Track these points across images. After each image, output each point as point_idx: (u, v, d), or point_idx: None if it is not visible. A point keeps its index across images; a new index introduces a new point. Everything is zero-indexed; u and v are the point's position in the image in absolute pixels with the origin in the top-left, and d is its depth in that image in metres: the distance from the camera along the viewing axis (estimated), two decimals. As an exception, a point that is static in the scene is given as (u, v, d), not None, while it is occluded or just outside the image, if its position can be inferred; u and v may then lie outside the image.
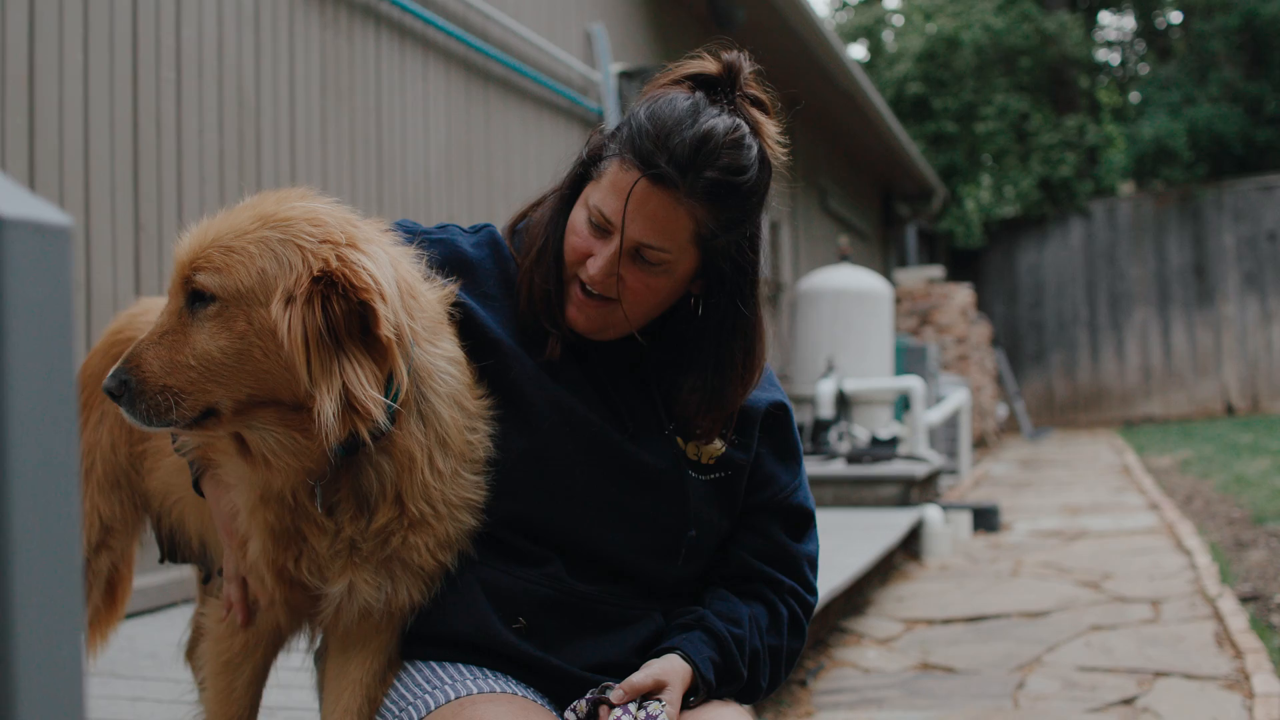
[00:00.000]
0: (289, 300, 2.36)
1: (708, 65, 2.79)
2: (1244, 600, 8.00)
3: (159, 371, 2.37)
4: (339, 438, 2.40)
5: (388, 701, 2.75)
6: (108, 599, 3.45)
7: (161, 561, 3.42)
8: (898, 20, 35.77)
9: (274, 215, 2.44)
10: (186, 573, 6.03)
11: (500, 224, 3.07)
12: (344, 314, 2.37)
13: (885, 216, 26.20)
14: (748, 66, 2.79)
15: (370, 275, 2.39)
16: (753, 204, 2.75)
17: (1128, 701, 6.17)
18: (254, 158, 6.82)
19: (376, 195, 7.95)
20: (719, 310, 2.81)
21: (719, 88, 2.76)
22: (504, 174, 9.63)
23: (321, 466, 2.51)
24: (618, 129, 2.79)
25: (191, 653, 3.53)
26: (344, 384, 2.37)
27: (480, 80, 9.32)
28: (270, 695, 2.88)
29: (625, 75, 11.38)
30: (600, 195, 2.73)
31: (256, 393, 2.41)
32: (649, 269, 2.71)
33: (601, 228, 2.72)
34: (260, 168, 6.87)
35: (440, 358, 2.60)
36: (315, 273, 2.37)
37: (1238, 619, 7.45)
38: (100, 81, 5.89)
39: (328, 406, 2.35)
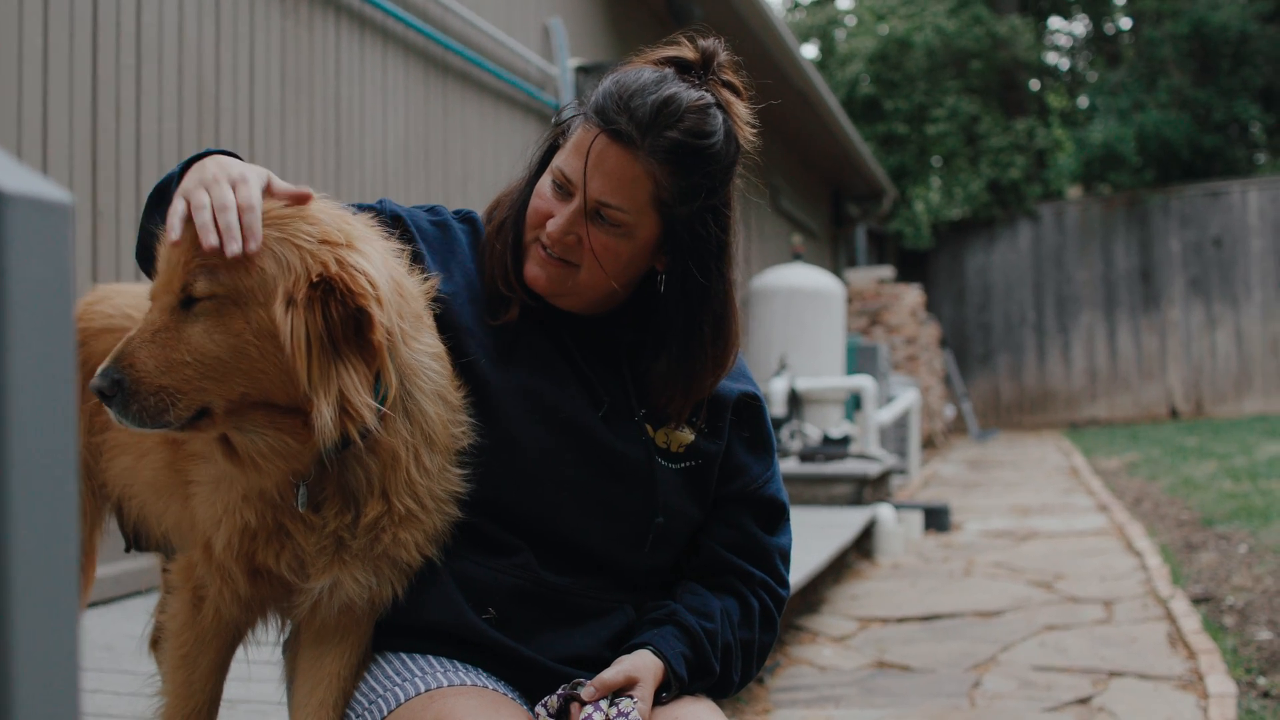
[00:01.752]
0: (289, 303, 2.33)
1: (684, 50, 2.80)
2: (1196, 601, 8.05)
3: (154, 370, 2.31)
4: (334, 441, 2.39)
5: (357, 693, 2.72)
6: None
7: (127, 551, 3.38)
8: (850, 21, 35.85)
9: (269, 213, 2.39)
10: (144, 563, 5.97)
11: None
12: (341, 318, 2.35)
13: (835, 216, 26.26)
14: (724, 54, 2.81)
15: (368, 280, 2.37)
16: (716, 175, 2.74)
17: (1083, 701, 6.19)
18: (212, 144, 6.74)
19: (334, 186, 7.88)
20: (683, 282, 2.79)
21: (693, 69, 2.77)
22: (461, 167, 9.59)
23: (308, 467, 2.48)
24: (585, 98, 2.79)
25: (156, 644, 3.48)
26: (340, 389, 2.36)
27: (439, 72, 9.28)
28: (231, 688, 2.84)
29: (583, 70, 11.35)
30: (564, 157, 2.74)
31: (249, 393, 2.37)
32: (609, 230, 2.71)
33: (563, 188, 2.72)
34: (218, 156, 6.80)
35: (424, 354, 2.58)
36: (314, 277, 2.35)
37: (1190, 620, 7.49)
38: (59, 65, 5.81)
39: (325, 412, 2.33)
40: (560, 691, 2.64)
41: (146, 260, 2.64)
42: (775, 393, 13.58)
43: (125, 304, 3.07)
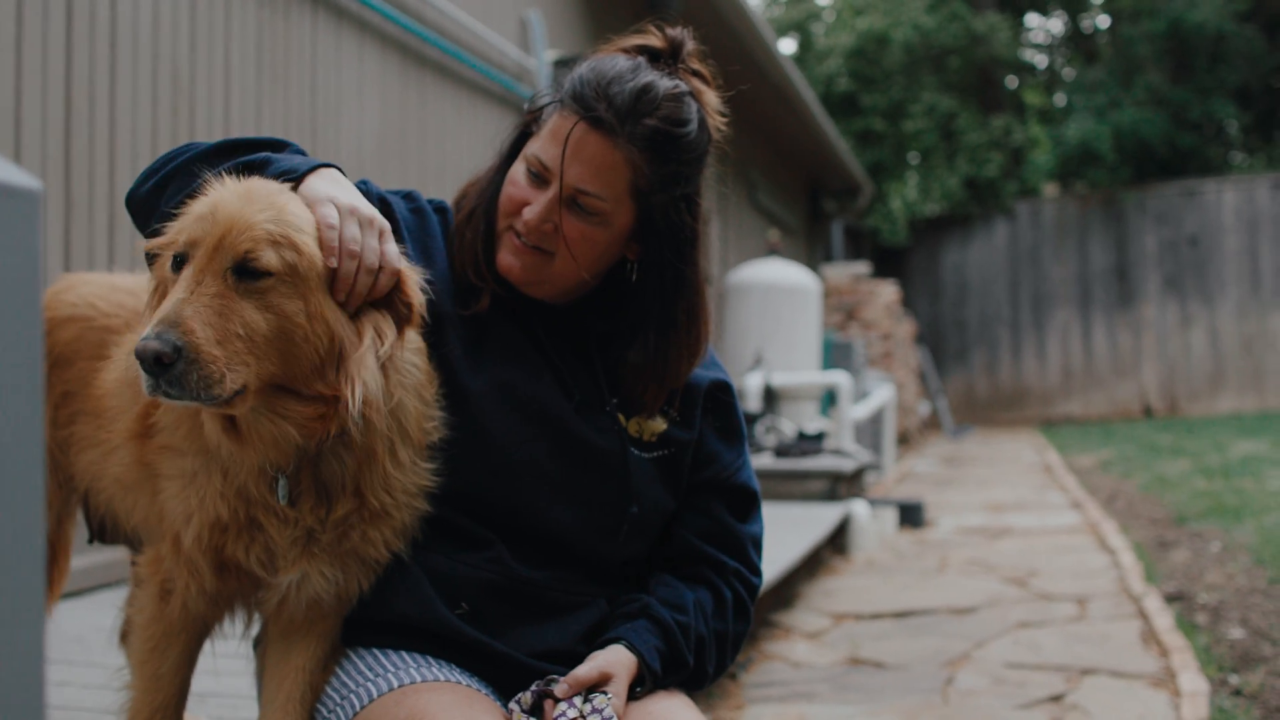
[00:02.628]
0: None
1: (652, 39, 2.83)
2: (1169, 599, 8.06)
3: (209, 339, 2.26)
4: (335, 431, 2.42)
5: (329, 689, 2.71)
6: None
7: (91, 542, 3.35)
8: (828, 16, 35.87)
9: (290, 203, 2.43)
10: (115, 555, 5.94)
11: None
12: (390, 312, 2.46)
13: (812, 212, 26.26)
14: (690, 43, 2.82)
15: (416, 287, 2.48)
16: (691, 162, 2.76)
17: (1056, 698, 6.19)
18: (187, 134, 6.72)
19: (310, 177, 7.83)
20: (659, 271, 2.80)
21: (662, 58, 2.78)
22: (437, 158, 9.56)
23: (289, 460, 2.47)
24: (559, 86, 2.80)
25: (126, 637, 3.45)
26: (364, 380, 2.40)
27: (415, 63, 9.24)
28: (202, 681, 2.82)
29: (560, 63, 11.32)
30: (539, 144, 2.74)
31: (277, 375, 2.36)
32: (585, 218, 2.71)
33: (540, 176, 2.72)
34: (194, 145, 6.76)
35: (407, 349, 2.59)
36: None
37: (1163, 618, 7.50)
38: (33, 53, 5.77)
39: (353, 403, 2.38)
40: (534, 688, 2.63)
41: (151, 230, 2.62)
42: (751, 388, 13.57)
43: (90, 293, 3.05)
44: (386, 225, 2.48)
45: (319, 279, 2.37)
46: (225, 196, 2.38)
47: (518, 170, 2.78)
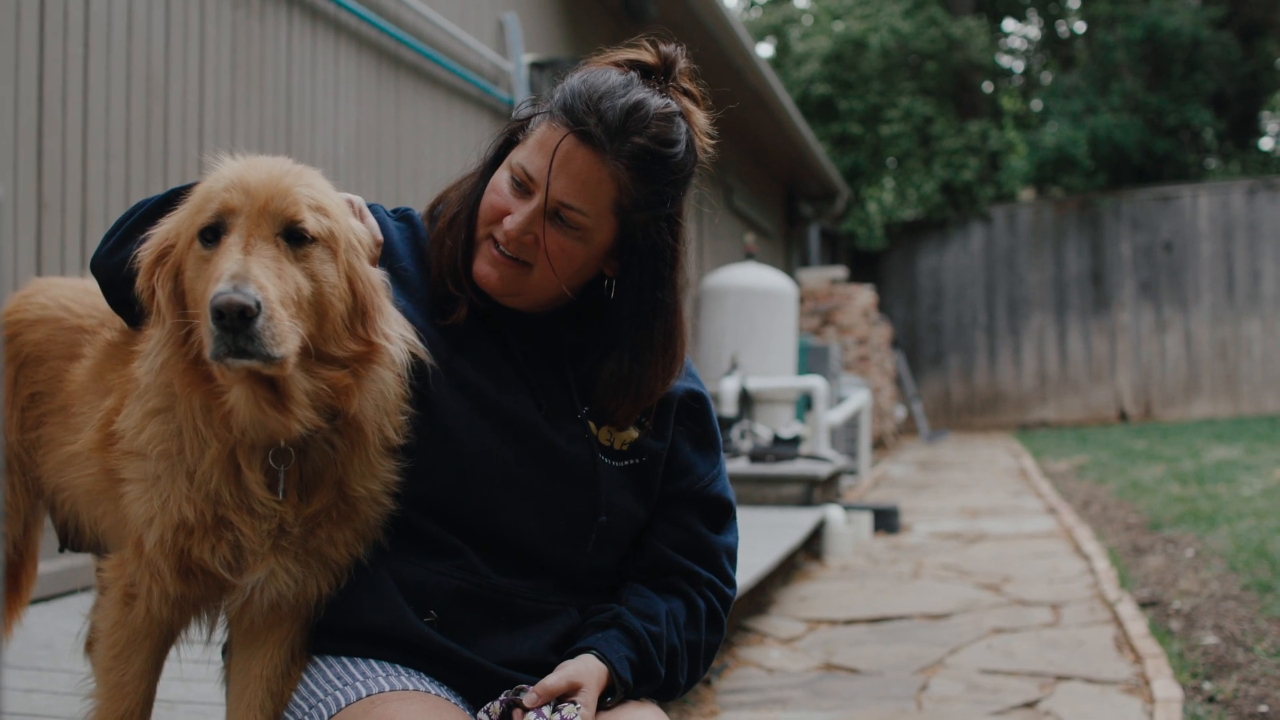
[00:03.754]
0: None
1: (644, 54, 2.81)
2: (1143, 605, 8.07)
3: (276, 298, 2.27)
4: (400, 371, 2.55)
5: (297, 698, 2.69)
6: (10, 586, 3.33)
7: (61, 550, 3.32)
8: (806, 20, 35.88)
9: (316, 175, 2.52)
10: (84, 560, 5.88)
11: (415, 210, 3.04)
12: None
13: (789, 216, 26.25)
14: (682, 61, 2.81)
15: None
16: (676, 183, 2.75)
17: (1030, 705, 6.19)
18: (161, 136, 6.68)
19: (284, 179, 7.80)
20: (637, 291, 2.79)
21: (654, 74, 2.76)
22: (413, 161, 9.52)
23: (318, 426, 2.48)
24: (548, 95, 2.79)
25: (91, 645, 3.42)
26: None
27: (391, 66, 9.21)
28: (172, 688, 2.80)
29: (537, 66, 11.30)
30: (525, 154, 2.72)
31: (314, 337, 2.39)
32: (566, 232, 2.70)
33: (523, 185, 2.70)
34: (168, 146, 6.73)
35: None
36: (378, 240, 2.61)
37: (1137, 624, 7.51)
38: (5, 53, 5.73)
39: (399, 349, 2.53)
40: (503, 697, 2.62)
41: (119, 291, 2.62)
42: (726, 392, 13.57)
43: (61, 295, 3.04)
44: None
45: (345, 243, 2.45)
46: (249, 168, 2.42)
47: (501, 178, 2.76)
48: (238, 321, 2.17)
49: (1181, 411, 28.24)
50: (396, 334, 2.52)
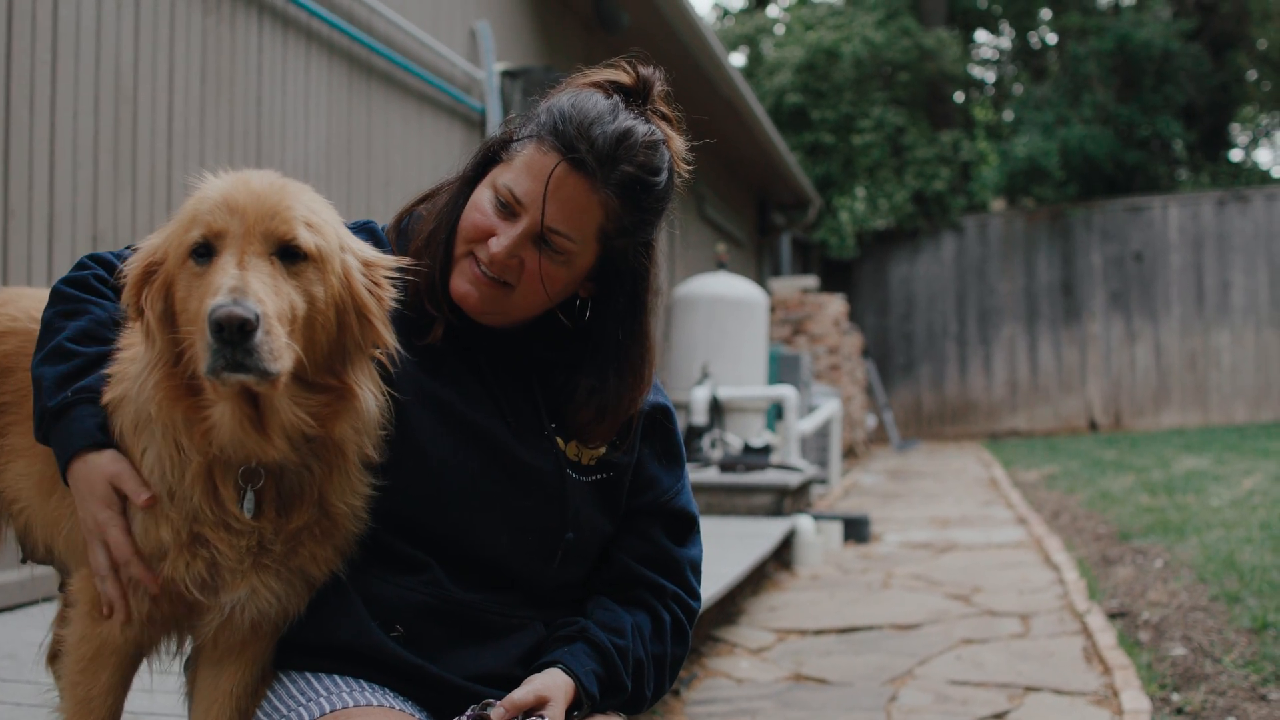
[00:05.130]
0: (368, 287, 2.50)
1: (622, 75, 2.83)
2: (1112, 616, 8.08)
3: (273, 313, 2.26)
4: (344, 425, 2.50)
5: (260, 714, 2.68)
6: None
7: (23, 562, 3.29)
8: (779, 30, 35.92)
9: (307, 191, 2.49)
10: (47, 569, 5.84)
11: (381, 220, 3.02)
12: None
13: (761, 225, 26.26)
14: (659, 85, 2.83)
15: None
16: (657, 210, 2.79)
17: (999, 716, 6.20)
18: (130, 144, 6.64)
19: (254, 187, 7.75)
20: (615, 314, 2.82)
21: (632, 97, 2.77)
22: (384, 170, 9.49)
23: (292, 455, 2.47)
24: (533, 115, 2.78)
25: (54, 658, 3.39)
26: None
27: (363, 74, 9.18)
28: (136, 700, 2.76)
29: (509, 74, 11.28)
30: (512, 175, 2.71)
31: (299, 360, 2.36)
32: (551, 257, 2.70)
33: (509, 207, 2.70)
34: (136, 154, 6.69)
35: None
36: (365, 263, 2.54)
37: (1106, 635, 7.52)
38: (-30, 59, 5.70)
39: (370, 397, 2.51)
40: (470, 712, 2.61)
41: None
42: (697, 401, 13.56)
43: (32, 307, 3.00)
44: None
45: (332, 265, 2.42)
46: (240, 183, 2.40)
47: (484, 197, 2.75)
48: (237, 335, 2.17)
49: (1151, 421, 28.35)
50: (366, 383, 2.52)
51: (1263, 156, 43.12)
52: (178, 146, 7.04)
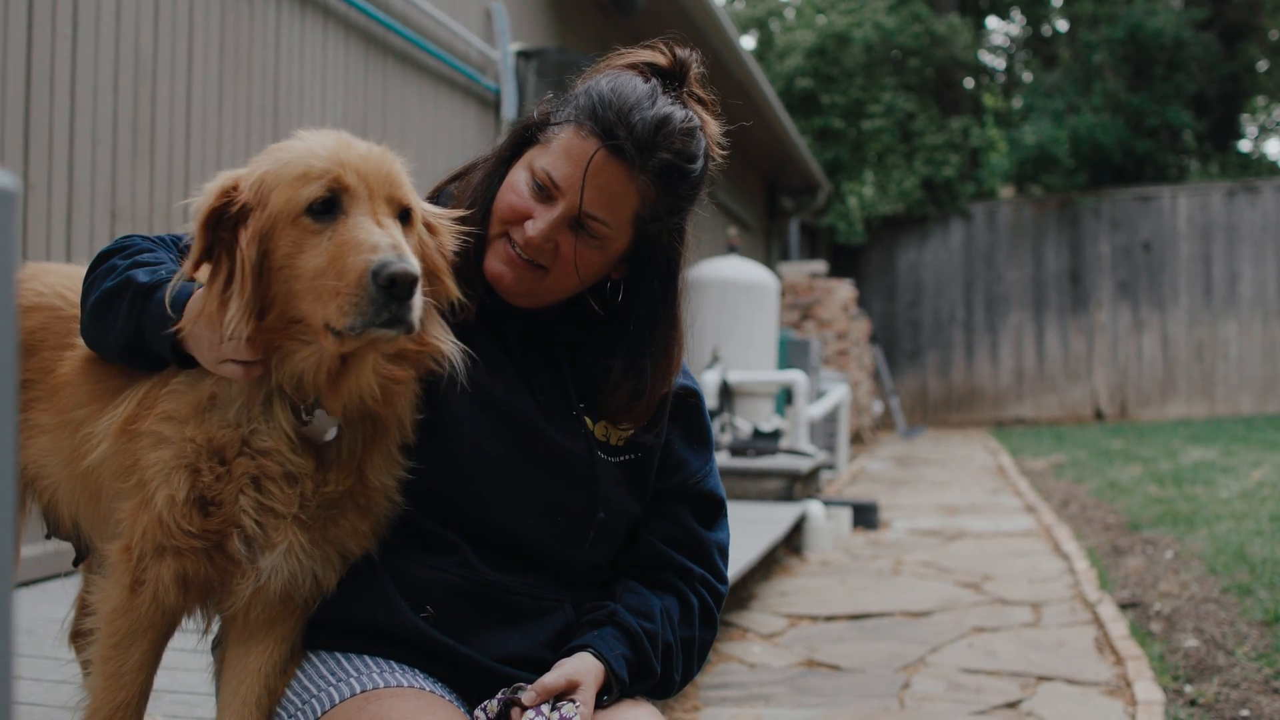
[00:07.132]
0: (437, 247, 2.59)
1: (659, 57, 2.82)
2: (1123, 607, 8.08)
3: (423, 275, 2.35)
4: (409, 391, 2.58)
5: (290, 693, 2.67)
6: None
7: (47, 537, 3.28)
8: (789, 14, 35.85)
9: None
10: (66, 544, 5.83)
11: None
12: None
13: (770, 209, 26.23)
14: (695, 67, 2.82)
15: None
16: (692, 196, 2.81)
17: (1012, 705, 6.19)
18: (149, 120, 6.63)
19: (270, 164, 7.74)
20: (648, 297, 2.81)
21: (669, 80, 2.76)
22: (399, 148, 9.34)
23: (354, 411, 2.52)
24: (570, 96, 2.77)
25: (76, 635, 3.37)
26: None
27: (379, 52, 9.16)
28: (158, 677, 2.75)
29: (523, 55, 11.26)
30: (550, 159, 2.70)
31: None
32: (587, 241, 2.70)
33: (546, 190, 2.70)
34: (155, 131, 6.68)
35: None
36: (441, 219, 2.64)
37: (1118, 625, 7.51)
38: (-8, 34, 5.68)
39: (450, 346, 2.54)
40: (500, 695, 2.60)
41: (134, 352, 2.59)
42: (707, 385, 13.53)
43: (56, 283, 2.99)
44: None
45: (418, 225, 2.51)
46: (343, 147, 2.45)
47: (519, 178, 2.75)
48: (407, 290, 2.23)
49: (1157, 411, 28.34)
50: (444, 336, 2.55)
51: (1273, 147, 42.96)
52: (196, 123, 7.03)
